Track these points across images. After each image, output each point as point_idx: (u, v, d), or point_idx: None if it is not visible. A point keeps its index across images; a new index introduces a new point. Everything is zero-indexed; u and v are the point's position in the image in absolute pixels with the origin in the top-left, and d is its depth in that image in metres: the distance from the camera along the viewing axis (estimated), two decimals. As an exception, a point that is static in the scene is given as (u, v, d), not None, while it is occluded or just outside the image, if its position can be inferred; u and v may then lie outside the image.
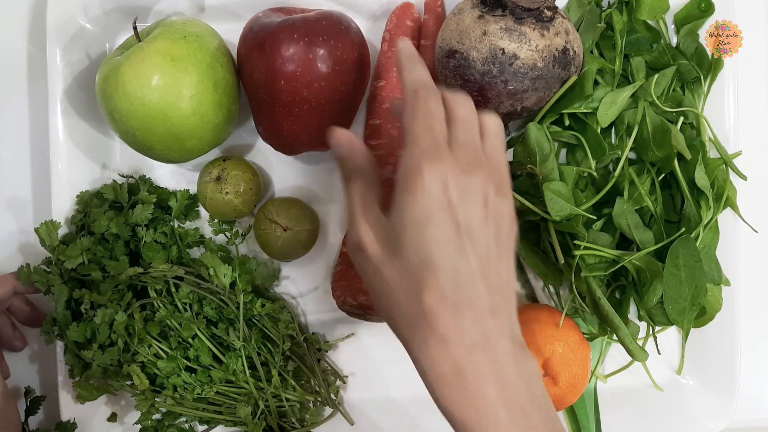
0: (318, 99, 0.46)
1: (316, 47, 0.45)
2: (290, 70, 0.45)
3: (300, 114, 0.47)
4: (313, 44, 0.45)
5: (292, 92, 0.46)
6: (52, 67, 0.52)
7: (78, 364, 0.52)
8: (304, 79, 0.45)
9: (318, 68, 0.45)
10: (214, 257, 0.51)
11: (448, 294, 0.32)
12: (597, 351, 0.56)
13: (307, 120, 0.47)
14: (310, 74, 0.45)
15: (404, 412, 0.56)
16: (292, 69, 0.45)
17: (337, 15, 0.48)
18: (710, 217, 0.51)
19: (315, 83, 0.46)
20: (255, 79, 0.47)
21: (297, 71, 0.45)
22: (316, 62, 0.45)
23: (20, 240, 0.57)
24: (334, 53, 0.46)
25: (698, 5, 0.53)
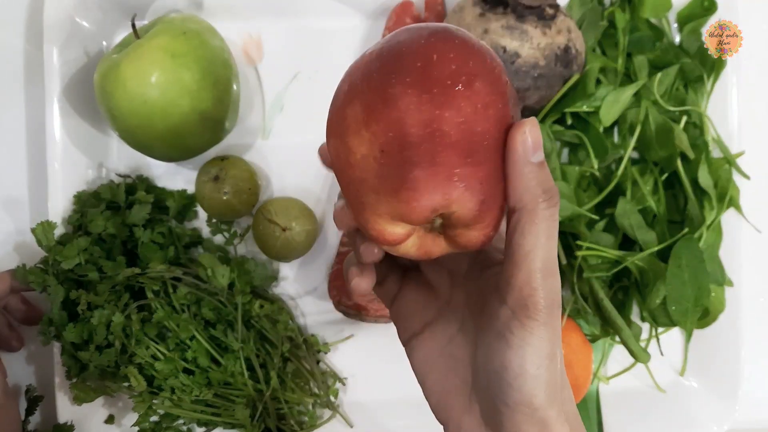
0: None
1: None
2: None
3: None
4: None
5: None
6: (49, 65, 0.52)
7: (75, 365, 0.51)
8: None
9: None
10: (212, 258, 0.51)
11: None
12: (599, 352, 0.56)
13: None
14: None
15: (404, 414, 0.56)
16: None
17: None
18: (713, 217, 0.51)
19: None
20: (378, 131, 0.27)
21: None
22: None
23: (17, 240, 0.56)
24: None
25: (701, 4, 0.53)
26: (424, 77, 0.25)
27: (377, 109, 0.26)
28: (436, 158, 0.25)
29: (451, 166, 0.25)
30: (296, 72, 0.56)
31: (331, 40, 0.56)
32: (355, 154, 0.27)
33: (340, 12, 0.56)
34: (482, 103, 0.25)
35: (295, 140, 0.56)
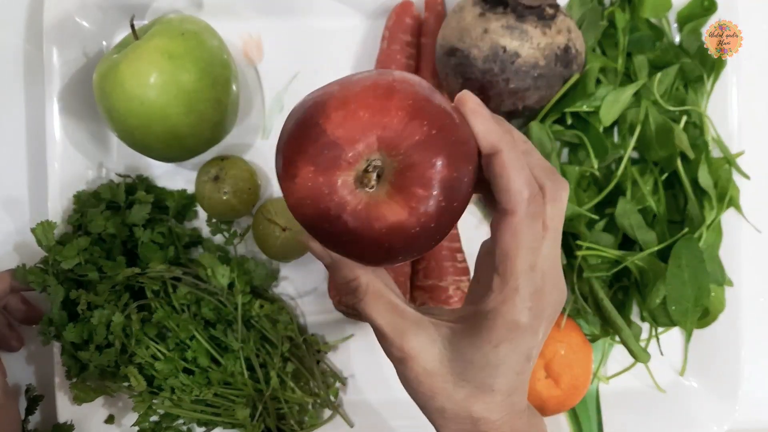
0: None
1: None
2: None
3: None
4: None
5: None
6: (49, 65, 0.52)
7: (75, 365, 0.51)
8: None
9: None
10: (212, 257, 0.51)
11: (499, 406, 0.32)
12: (599, 352, 0.56)
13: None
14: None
15: (404, 414, 0.56)
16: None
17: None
18: (713, 217, 0.51)
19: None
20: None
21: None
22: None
23: (16, 240, 0.56)
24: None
25: (701, 3, 0.53)
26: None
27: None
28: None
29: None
30: (296, 72, 0.56)
31: (331, 40, 0.56)
32: None
33: (340, 12, 0.56)
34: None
35: (295, 140, 0.56)
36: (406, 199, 0.26)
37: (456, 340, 0.32)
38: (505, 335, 0.30)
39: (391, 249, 0.26)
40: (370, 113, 0.25)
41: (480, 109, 0.29)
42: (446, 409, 0.33)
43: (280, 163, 0.28)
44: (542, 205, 0.29)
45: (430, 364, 0.32)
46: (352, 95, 0.26)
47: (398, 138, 0.25)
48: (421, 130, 0.25)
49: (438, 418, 0.34)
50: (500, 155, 0.28)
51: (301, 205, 0.27)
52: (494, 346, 0.30)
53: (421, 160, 0.25)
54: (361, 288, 0.32)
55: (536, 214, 0.29)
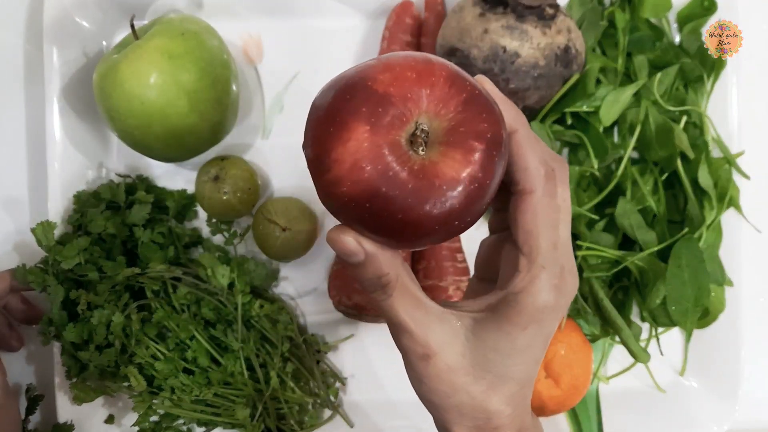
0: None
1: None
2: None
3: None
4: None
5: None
6: (49, 65, 0.52)
7: (75, 365, 0.51)
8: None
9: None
10: (212, 257, 0.51)
11: (513, 397, 0.32)
12: (599, 352, 0.56)
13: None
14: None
15: (404, 414, 0.56)
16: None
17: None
18: (713, 217, 0.51)
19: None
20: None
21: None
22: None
23: (16, 240, 0.56)
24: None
25: (701, 3, 0.53)
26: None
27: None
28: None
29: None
30: (296, 72, 0.56)
31: (331, 40, 0.56)
32: None
33: (340, 12, 0.56)
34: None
35: (295, 140, 0.55)
36: (463, 153, 0.25)
37: (479, 330, 0.31)
38: (534, 315, 0.30)
39: (451, 213, 0.26)
40: (416, 74, 0.26)
41: (496, 90, 0.29)
42: (464, 404, 0.32)
43: (327, 131, 0.26)
44: (555, 185, 0.29)
45: (453, 358, 0.31)
46: (394, 62, 0.26)
47: (447, 96, 0.26)
48: (466, 89, 0.26)
49: (454, 415, 0.33)
50: (517, 134, 0.29)
51: (357, 170, 0.25)
52: (523, 328, 0.30)
53: (471, 117, 0.26)
54: (392, 283, 0.31)
55: (552, 192, 0.29)
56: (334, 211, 0.28)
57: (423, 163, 0.25)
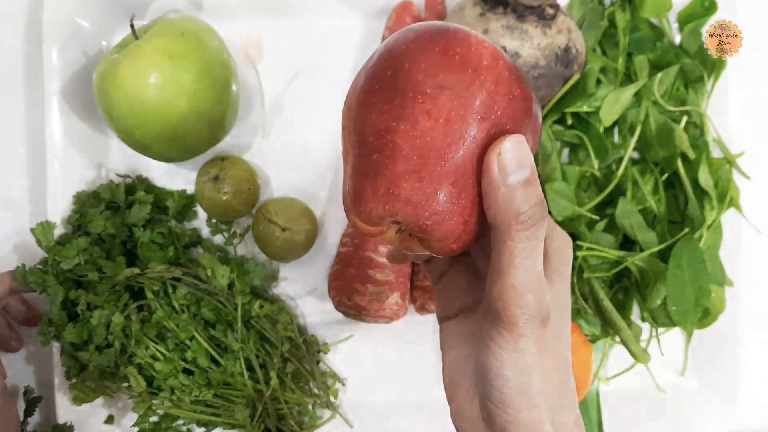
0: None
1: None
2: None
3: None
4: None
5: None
6: (49, 65, 0.52)
7: (75, 365, 0.51)
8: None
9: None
10: (212, 258, 0.51)
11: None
12: (599, 353, 0.56)
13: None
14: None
15: (403, 415, 0.56)
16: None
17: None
18: (714, 217, 0.50)
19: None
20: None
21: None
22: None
23: (16, 240, 0.56)
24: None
25: (701, 4, 0.53)
26: (389, 86, 0.25)
27: (352, 112, 0.26)
28: (381, 169, 0.25)
29: (394, 179, 0.25)
30: (296, 72, 0.56)
31: (331, 40, 0.56)
32: (345, 150, 0.28)
33: (340, 12, 0.56)
34: (445, 118, 0.25)
35: (295, 140, 0.56)
36: None
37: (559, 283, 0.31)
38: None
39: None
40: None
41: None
42: (551, 387, 0.29)
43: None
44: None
45: (559, 324, 0.30)
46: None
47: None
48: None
49: (539, 399, 0.29)
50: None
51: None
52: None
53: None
54: (544, 220, 0.27)
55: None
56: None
57: None
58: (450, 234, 0.26)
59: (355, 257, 0.53)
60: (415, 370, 0.56)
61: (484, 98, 0.25)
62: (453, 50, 0.25)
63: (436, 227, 0.26)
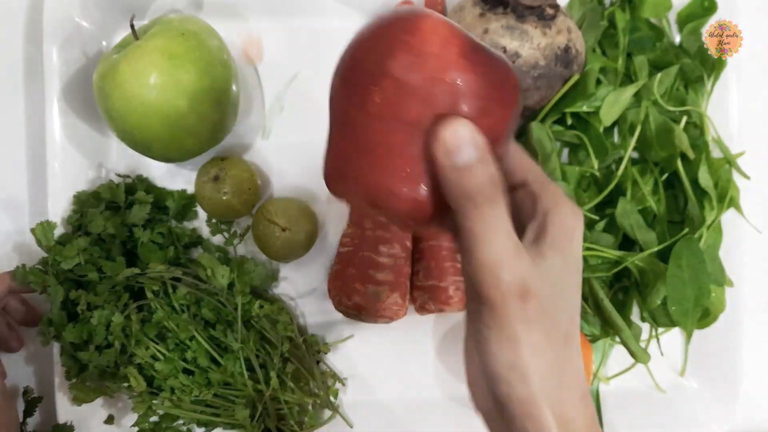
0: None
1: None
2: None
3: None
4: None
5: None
6: (49, 65, 0.52)
7: (75, 365, 0.51)
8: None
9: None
10: (212, 258, 0.51)
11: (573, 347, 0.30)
12: (599, 353, 0.56)
13: None
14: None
15: (403, 415, 0.56)
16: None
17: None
18: (713, 217, 0.51)
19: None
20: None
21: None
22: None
23: (16, 240, 0.56)
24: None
25: (701, 4, 0.53)
26: (349, 73, 0.27)
27: (330, 93, 0.29)
28: (337, 150, 0.28)
29: (348, 161, 0.28)
30: (296, 72, 0.56)
31: (331, 40, 0.56)
32: None
33: (340, 12, 0.56)
34: (391, 104, 0.26)
35: (295, 140, 0.56)
36: None
37: (544, 263, 0.29)
38: (575, 228, 0.30)
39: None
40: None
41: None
42: (547, 369, 0.28)
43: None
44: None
45: (547, 301, 0.28)
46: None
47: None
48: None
49: (538, 385, 0.28)
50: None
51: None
52: (567, 252, 0.29)
53: None
54: (500, 187, 0.27)
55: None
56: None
57: None
58: (402, 213, 0.28)
59: (355, 257, 0.53)
60: (415, 370, 0.56)
61: (430, 84, 0.26)
62: (403, 38, 0.26)
63: (387, 206, 0.27)
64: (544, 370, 0.28)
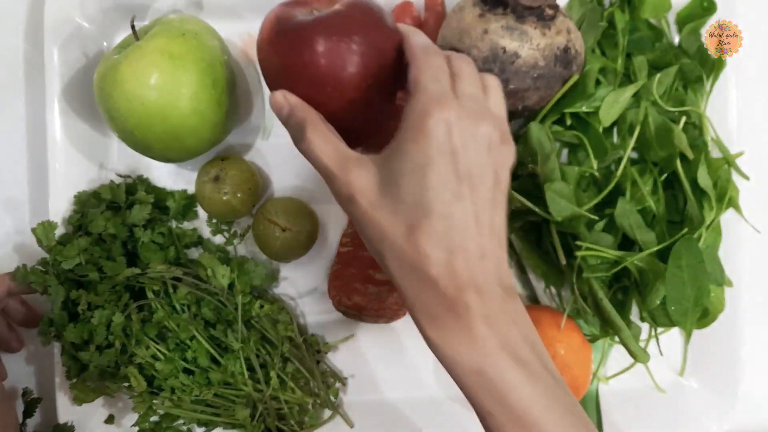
0: (367, 98, 0.41)
1: (360, 42, 0.40)
2: (336, 73, 0.39)
3: (347, 117, 0.41)
4: (357, 40, 0.40)
5: (340, 97, 0.41)
6: (50, 66, 0.52)
7: (75, 365, 0.51)
8: (352, 81, 0.40)
9: (365, 65, 0.40)
10: (212, 258, 0.51)
11: (443, 238, 0.33)
12: (599, 352, 0.56)
13: (356, 122, 0.42)
14: (358, 74, 0.40)
15: (404, 414, 0.56)
16: (338, 72, 0.39)
17: (366, 3, 0.42)
18: (713, 217, 0.51)
19: (363, 82, 0.40)
20: (295, 89, 0.41)
21: (344, 73, 0.40)
22: (362, 59, 0.40)
23: (17, 240, 0.56)
24: (377, 45, 0.41)
25: (700, 4, 0.53)
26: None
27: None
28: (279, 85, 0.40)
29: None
30: (296, 72, 0.56)
31: (331, 40, 0.56)
32: None
33: (340, 12, 0.56)
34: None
35: (295, 141, 0.56)
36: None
37: (389, 162, 0.35)
38: (420, 123, 0.34)
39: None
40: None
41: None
42: (396, 248, 0.34)
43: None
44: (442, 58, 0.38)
45: (373, 196, 0.35)
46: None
47: None
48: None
49: (392, 262, 0.35)
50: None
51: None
52: (414, 141, 0.34)
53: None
54: (309, 126, 0.37)
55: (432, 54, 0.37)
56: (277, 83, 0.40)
57: None
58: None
59: (355, 257, 0.53)
60: (415, 370, 0.56)
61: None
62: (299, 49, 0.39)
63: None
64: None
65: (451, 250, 0.33)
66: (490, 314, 0.33)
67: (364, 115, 0.42)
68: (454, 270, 0.33)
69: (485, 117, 0.35)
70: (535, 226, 0.54)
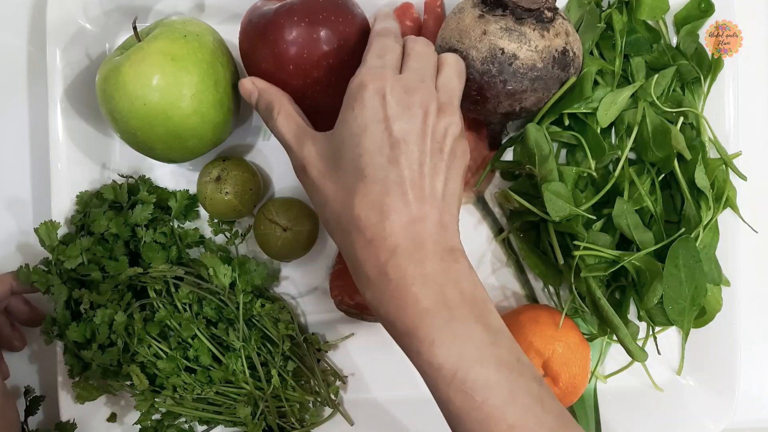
0: (329, 78, 0.46)
1: (318, 26, 0.45)
2: (296, 53, 0.45)
3: (314, 96, 0.46)
4: (315, 23, 0.45)
5: (303, 75, 0.45)
6: (52, 67, 0.52)
7: (78, 364, 0.51)
8: (312, 60, 0.45)
9: (324, 47, 0.45)
10: (213, 257, 0.51)
11: (376, 201, 0.35)
12: (597, 351, 0.56)
13: (322, 100, 0.47)
14: (317, 54, 0.45)
15: (404, 413, 0.56)
16: (298, 52, 0.45)
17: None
18: (710, 217, 0.51)
19: (323, 62, 0.45)
20: (263, 70, 0.47)
21: (303, 53, 0.45)
22: (321, 41, 0.45)
23: (19, 240, 0.57)
24: (337, 29, 0.45)
25: (698, 5, 0.53)
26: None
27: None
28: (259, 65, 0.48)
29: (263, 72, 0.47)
30: (297, 73, 0.57)
31: (332, 41, 0.56)
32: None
33: (340, 14, 0.56)
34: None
35: (296, 141, 0.56)
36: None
37: (333, 134, 0.38)
38: (354, 92, 0.37)
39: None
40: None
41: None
42: (335, 212, 0.37)
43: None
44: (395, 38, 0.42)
45: (321, 165, 0.38)
46: None
47: None
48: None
49: (333, 225, 0.37)
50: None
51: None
52: (350, 108, 0.37)
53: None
54: (276, 109, 0.42)
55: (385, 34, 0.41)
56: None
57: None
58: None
59: (355, 257, 0.53)
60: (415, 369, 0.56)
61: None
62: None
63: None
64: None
65: (384, 213, 0.34)
66: (427, 275, 0.34)
67: (327, 94, 0.46)
68: (387, 232, 0.34)
69: (421, 88, 0.37)
70: (533, 226, 0.54)
